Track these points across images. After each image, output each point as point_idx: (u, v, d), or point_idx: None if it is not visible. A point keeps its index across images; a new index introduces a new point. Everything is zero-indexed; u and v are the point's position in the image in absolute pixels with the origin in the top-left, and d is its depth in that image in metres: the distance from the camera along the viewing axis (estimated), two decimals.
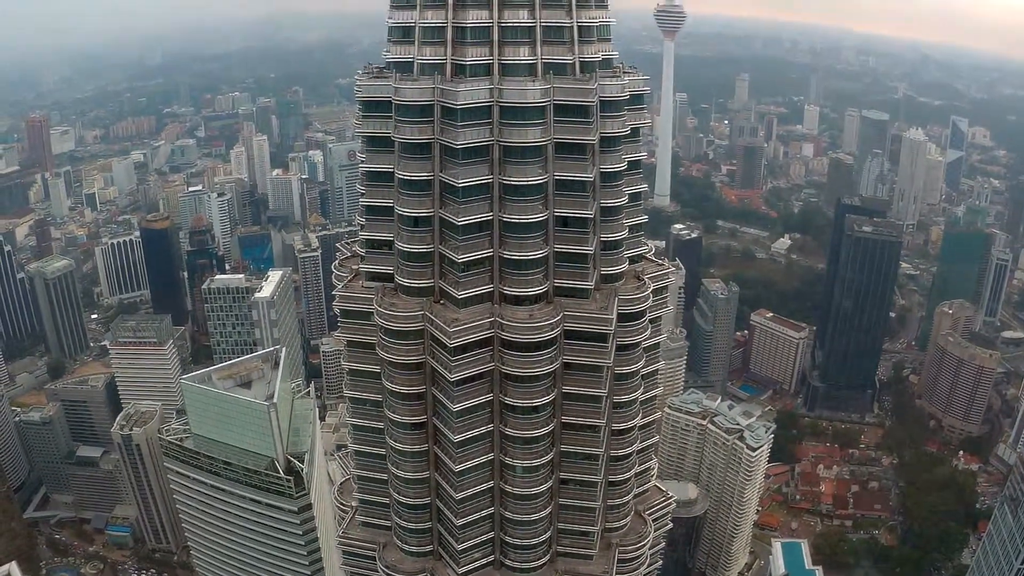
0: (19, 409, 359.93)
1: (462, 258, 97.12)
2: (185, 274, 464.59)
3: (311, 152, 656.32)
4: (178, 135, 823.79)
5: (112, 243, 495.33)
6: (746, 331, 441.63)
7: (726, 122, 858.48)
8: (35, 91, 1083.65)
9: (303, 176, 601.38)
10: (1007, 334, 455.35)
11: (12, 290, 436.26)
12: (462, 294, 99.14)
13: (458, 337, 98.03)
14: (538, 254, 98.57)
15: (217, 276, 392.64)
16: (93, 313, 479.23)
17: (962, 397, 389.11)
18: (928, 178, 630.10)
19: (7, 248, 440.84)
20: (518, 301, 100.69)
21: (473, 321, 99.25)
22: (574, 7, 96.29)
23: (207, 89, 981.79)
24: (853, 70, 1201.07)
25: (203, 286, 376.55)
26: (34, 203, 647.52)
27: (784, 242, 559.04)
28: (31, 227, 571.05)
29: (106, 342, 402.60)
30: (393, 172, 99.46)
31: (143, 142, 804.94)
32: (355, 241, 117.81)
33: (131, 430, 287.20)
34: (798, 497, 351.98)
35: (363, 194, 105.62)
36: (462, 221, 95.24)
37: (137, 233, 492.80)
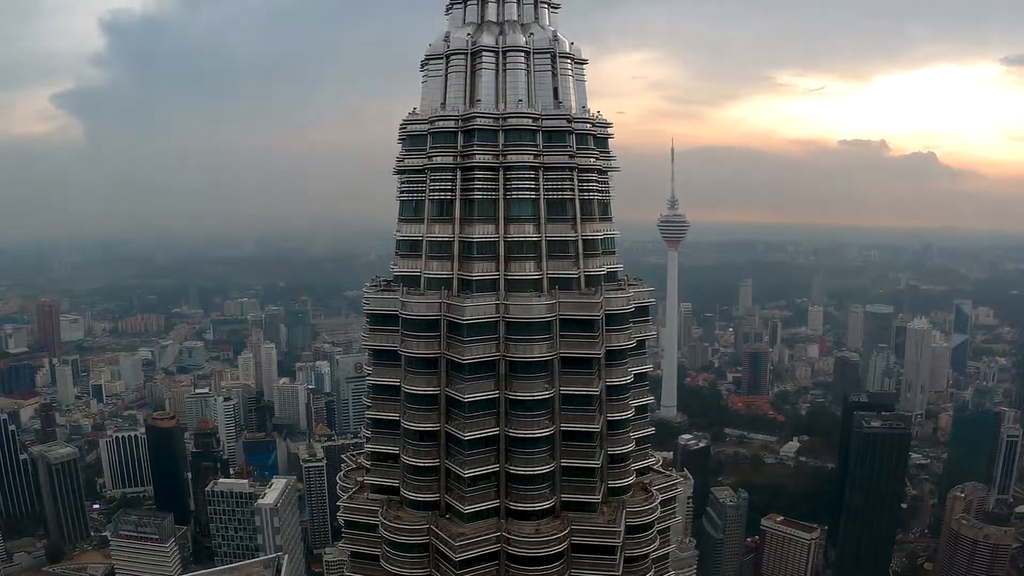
0: None
1: (468, 473, 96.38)
2: (189, 475, 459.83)
3: (318, 362, 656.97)
4: (186, 336, 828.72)
5: (117, 437, 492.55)
6: (757, 536, 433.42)
7: (731, 329, 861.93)
8: (47, 276, 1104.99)
9: (310, 386, 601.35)
10: (1021, 508, 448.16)
11: (14, 470, 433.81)
12: (468, 509, 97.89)
13: (464, 552, 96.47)
14: (545, 469, 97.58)
15: (221, 480, 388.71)
16: (95, 503, 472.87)
17: None
18: (934, 366, 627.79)
19: (11, 427, 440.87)
20: (525, 516, 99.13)
21: (479, 536, 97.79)
22: (579, 221, 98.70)
23: (216, 292, 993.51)
24: (855, 266, 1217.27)
25: (207, 488, 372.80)
26: (40, 387, 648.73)
27: (793, 445, 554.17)
28: (36, 410, 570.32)
29: (107, 533, 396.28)
30: (399, 386, 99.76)
31: (151, 339, 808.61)
32: (361, 453, 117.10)
33: None
34: None
35: (369, 407, 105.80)
36: (468, 436, 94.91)
37: (143, 430, 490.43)
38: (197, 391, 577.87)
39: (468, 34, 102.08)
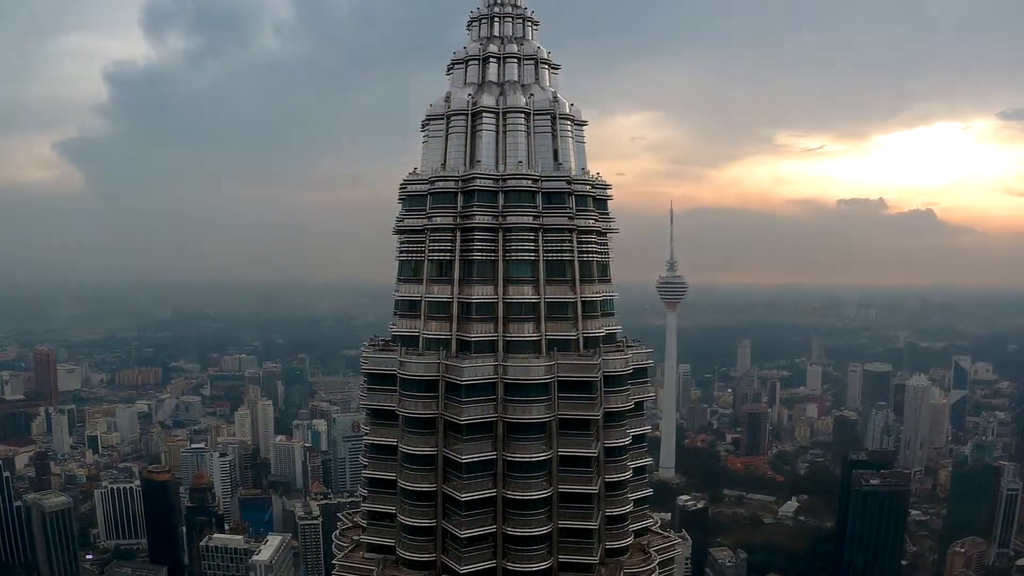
0: None
1: (465, 534, 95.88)
2: (184, 528, 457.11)
3: (315, 420, 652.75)
4: (183, 390, 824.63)
5: (112, 488, 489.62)
6: None
7: (729, 390, 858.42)
8: (45, 325, 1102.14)
9: (306, 444, 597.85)
10: (1022, 562, 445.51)
11: (8, 516, 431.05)
12: (464, 569, 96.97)
13: None
14: (542, 530, 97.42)
15: (216, 535, 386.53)
16: (88, 553, 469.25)
17: None
18: (933, 422, 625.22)
19: (6, 474, 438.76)
20: None
21: None
22: (577, 283, 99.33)
23: (214, 348, 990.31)
24: (854, 325, 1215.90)
25: (201, 543, 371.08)
26: (36, 435, 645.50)
27: (792, 505, 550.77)
28: (31, 458, 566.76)
29: None
30: (396, 445, 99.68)
31: (148, 392, 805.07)
32: (357, 512, 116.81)
33: None
34: None
35: (366, 466, 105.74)
36: (465, 497, 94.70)
37: (138, 482, 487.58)
38: (193, 446, 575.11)
39: (469, 94, 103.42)
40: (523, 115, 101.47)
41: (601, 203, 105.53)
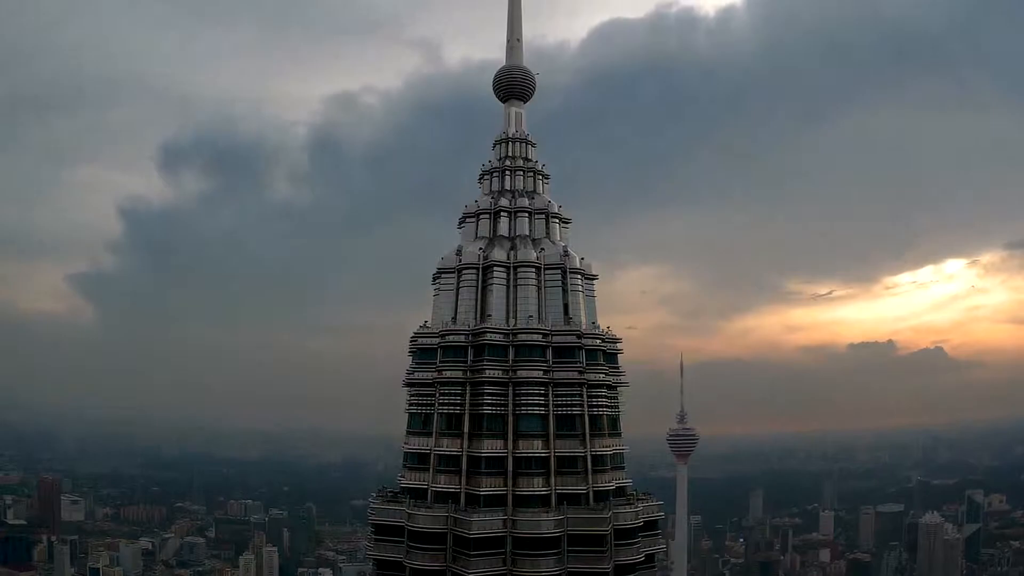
0: None
1: None
2: None
3: (321, 569, 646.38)
4: (188, 531, 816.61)
5: None
6: None
7: (741, 540, 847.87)
8: (51, 452, 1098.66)
9: None
10: None
11: None
12: None
13: None
14: None
15: None
16: None
17: None
18: (947, 558, 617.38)
19: None
20: None
21: None
22: (588, 437, 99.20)
23: (220, 491, 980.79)
24: (866, 468, 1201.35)
25: None
26: (37, 561, 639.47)
27: None
28: None
29: None
30: None
31: (152, 530, 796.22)
32: None
33: None
34: None
35: None
36: None
37: None
38: None
39: (480, 248, 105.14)
40: (534, 269, 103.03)
41: (611, 357, 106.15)
